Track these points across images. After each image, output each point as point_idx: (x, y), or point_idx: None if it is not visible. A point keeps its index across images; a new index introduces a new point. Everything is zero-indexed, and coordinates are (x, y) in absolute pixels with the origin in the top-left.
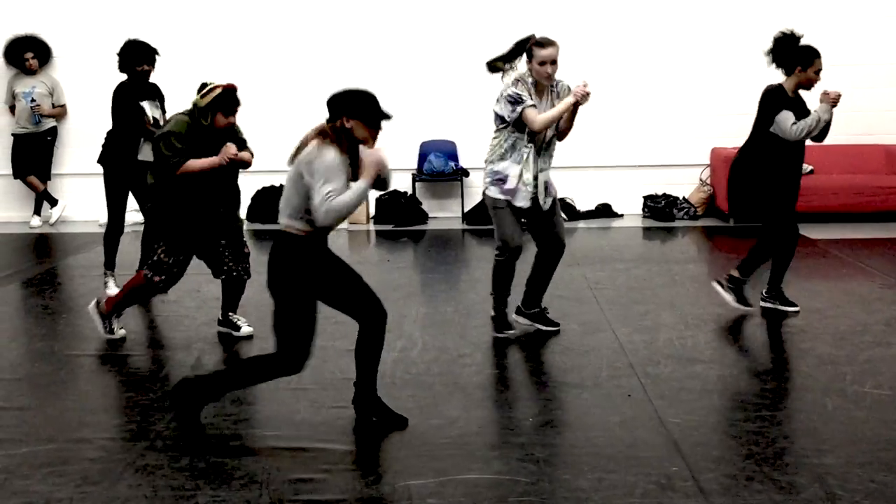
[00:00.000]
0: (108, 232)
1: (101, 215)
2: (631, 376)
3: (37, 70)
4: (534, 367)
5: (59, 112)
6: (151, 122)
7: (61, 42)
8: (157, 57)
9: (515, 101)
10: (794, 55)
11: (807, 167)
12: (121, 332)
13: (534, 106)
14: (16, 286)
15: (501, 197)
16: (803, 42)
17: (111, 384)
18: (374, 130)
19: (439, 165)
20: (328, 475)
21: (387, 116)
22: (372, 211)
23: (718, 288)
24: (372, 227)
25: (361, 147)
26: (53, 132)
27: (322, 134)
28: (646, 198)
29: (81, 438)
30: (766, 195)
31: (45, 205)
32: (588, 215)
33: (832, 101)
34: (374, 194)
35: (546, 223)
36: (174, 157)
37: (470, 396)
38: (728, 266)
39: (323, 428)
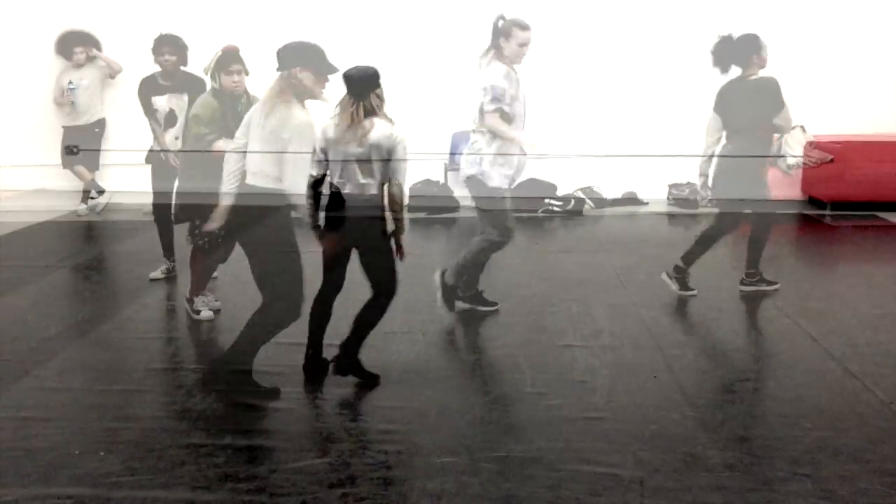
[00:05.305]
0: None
1: (146, 204)
2: (657, 358)
3: (85, 64)
4: (561, 349)
5: (114, 64)
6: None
7: (110, 37)
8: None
9: None
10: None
11: (826, 156)
12: (206, 314)
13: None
14: (65, 271)
15: None
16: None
17: (156, 365)
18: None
19: None
20: (362, 451)
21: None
22: (406, 200)
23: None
24: (406, 214)
25: None
26: (102, 124)
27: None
28: (670, 186)
29: (128, 417)
30: None
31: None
32: (614, 203)
33: None
34: (408, 184)
35: None
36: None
37: (499, 377)
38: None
39: (355, 407)
